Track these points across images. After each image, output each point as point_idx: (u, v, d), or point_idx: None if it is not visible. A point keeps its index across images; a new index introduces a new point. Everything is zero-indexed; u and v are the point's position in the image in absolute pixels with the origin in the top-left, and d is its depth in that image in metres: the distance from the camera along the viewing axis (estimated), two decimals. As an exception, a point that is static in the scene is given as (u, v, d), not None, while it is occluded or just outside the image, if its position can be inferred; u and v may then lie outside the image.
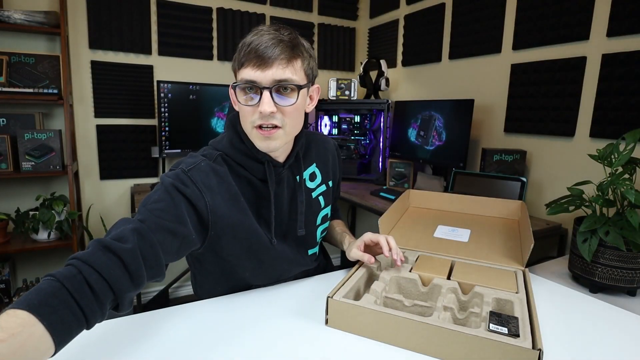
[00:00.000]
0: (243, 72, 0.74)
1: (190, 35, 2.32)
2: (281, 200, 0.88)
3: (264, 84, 0.72)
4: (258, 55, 0.71)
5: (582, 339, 0.76)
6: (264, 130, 0.76)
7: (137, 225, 0.66)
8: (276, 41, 0.72)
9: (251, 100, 0.75)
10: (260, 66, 0.71)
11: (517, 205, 1.30)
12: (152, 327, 0.75)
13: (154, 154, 2.29)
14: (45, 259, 2.17)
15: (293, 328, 0.76)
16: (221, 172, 0.80)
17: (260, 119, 0.75)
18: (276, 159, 0.85)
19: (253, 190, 0.84)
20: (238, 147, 0.82)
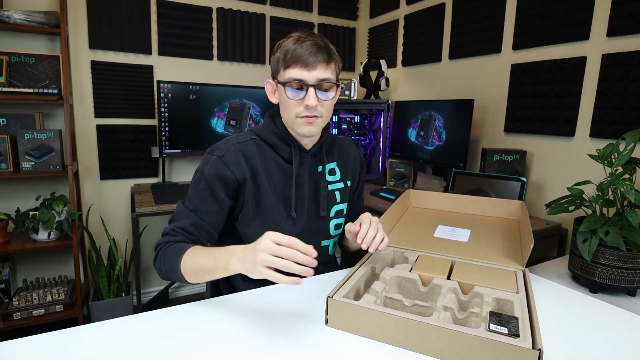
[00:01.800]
0: (291, 72, 0.88)
1: (190, 35, 2.32)
2: (302, 182, 1.00)
3: (310, 82, 0.88)
4: (305, 58, 0.86)
5: (582, 339, 0.76)
6: (308, 118, 0.91)
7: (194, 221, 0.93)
8: (317, 47, 0.88)
9: (297, 95, 0.89)
10: (307, 67, 0.87)
11: (517, 205, 1.30)
12: (152, 327, 0.75)
13: (154, 154, 2.29)
14: (45, 259, 2.17)
15: (293, 328, 0.76)
16: (248, 153, 0.96)
17: (306, 111, 0.90)
18: (304, 146, 1.00)
19: (280, 170, 0.98)
20: (272, 130, 0.98)
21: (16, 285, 2.12)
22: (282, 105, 0.95)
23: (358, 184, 1.16)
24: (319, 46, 0.88)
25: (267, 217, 0.97)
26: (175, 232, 0.92)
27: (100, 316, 1.99)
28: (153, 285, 2.46)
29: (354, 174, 1.13)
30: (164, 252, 0.88)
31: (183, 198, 0.99)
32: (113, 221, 2.30)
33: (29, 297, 1.96)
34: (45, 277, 2.16)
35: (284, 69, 0.89)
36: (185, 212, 0.93)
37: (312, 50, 0.86)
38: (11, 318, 1.89)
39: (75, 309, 2.00)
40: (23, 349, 0.67)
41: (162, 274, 0.89)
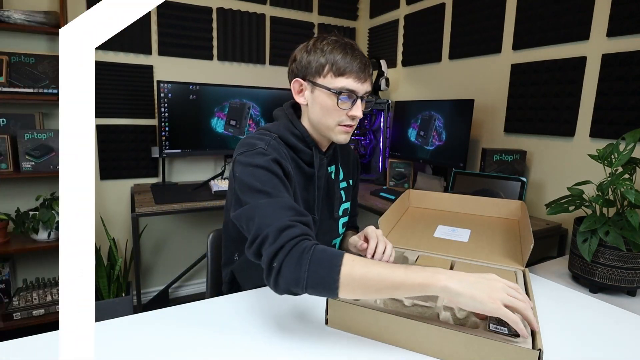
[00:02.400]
0: (345, 81, 0.88)
1: (190, 35, 2.32)
2: (320, 185, 1.01)
3: (360, 94, 0.90)
4: (359, 71, 0.88)
5: (582, 339, 0.76)
6: (348, 128, 0.93)
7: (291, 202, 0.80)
8: (366, 60, 0.91)
9: (345, 104, 0.90)
10: (361, 80, 0.89)
11: (517, 205, 1.30)
12: (152, 327, 0.75)
13: (154, 154, 2.29)
14: (45, 259, 2.17)
15: (293, 328, 0.76)
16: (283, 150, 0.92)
17: (349, 120, 0.92)
18: (321, 147, 1.00)
19: (299, 172, 0.97)
20: (293, 132, 0.96)
21: (16, 285, 2.12)
22: (321, 110, 0.91)
23: (355, 182, 1.19)
24: (367, 59, 0.92)
25: None
26: (293, 222, 0.74)
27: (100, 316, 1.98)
28: (153, 285, 2.46)
29: (353, 173, 1.16)
30: (306, 255, 0.68)
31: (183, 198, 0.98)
32: (113, 221, 2.30)
33: (29, 297, 1.96)
34: (45, 277, 2.15)
35: (334, 77, 0.88)
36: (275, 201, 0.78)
37: (365, 63, 0.90)
38: (11, 318, 1.89)
39: (75, 309, 2.00)
40: (23, 349, 0.67)
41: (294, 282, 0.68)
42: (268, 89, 2.37)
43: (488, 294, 0.63)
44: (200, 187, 2.19)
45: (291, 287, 0.68)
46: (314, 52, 0.89)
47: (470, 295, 0.63)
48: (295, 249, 0.69)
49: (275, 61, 2.58)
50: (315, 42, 0.91)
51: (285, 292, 0.70)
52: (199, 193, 2.05)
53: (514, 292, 0.66)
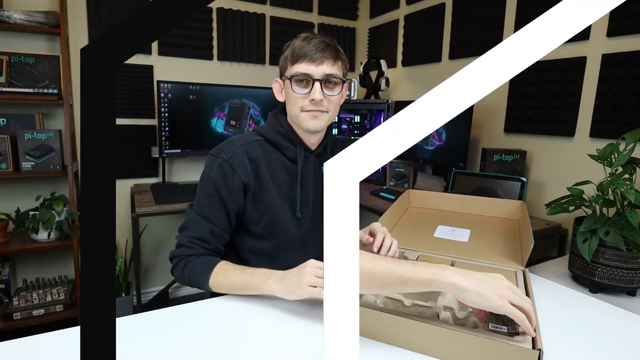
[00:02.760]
0: (298, 66, 0.90)
1: (190, 35, 2.32)
2: (307, 182, 1.00)
3: (316, 77, 0.89)
4: (312, 54, 0.89)
5: (582, 339, 0.76)
6: (313, 112, 0.92)
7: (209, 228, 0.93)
8: (325, 44, 0.90)
9: (303, 89, 0.91)
10: (314, 62, 0.89)
11: (517, 205, 1.30)
12: (152, 327, 0.75)
13: (154, 154, 2.29)
14: (45, 259, 2.17)
15: (293, 328, 0.76)
16: (253, 154, 0.95)
17: (311, 105, 0.91)
18: (308, 145, 1.00)
19: (284, 170, 0.98)
20: (277, 129, 0.98)
21: (16, 285, 2.12)
22: (288, 100, 0.95)
23: None
24: (327, 44, 0.91)
25: (273, 217, 0.97)
26: (193, 243, 0.92)
27: (100, 316, 1.99)
28: (153, 285, 2.46)
29: None
30: (188, 267, 0.90)
31: (183, 198, 1.00)
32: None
33: (29, 297, 1.96)
34: (45, 277, 2.15)
35: (291, 65, 0.91)
36: (197, 220, 0.93)
37: (319, 47, 0.89)
38: (11, 318, 1.89)
39: (75, 309, 2.00)
40: (23, 349, 0.67)
41: (183, 283, 0.93)
42: (268, 89, 2.37)
43: (494, 291, 0.64)
44: (200, 187, 2.19)
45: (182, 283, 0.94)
46: (284, 50, 0.95)
47: (477, 292, 0.64)
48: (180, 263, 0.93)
49: (275, 61, 2.58)
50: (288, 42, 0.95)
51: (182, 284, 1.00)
52: (199, 193, 2.05)
53: (519, 293, 0.67)
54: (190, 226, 0.94)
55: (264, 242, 0.99)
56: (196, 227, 0.93)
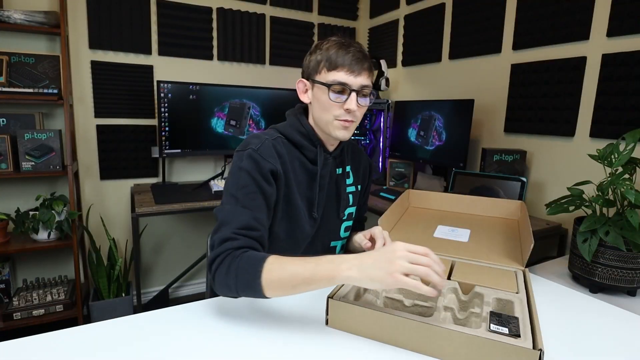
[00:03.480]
0: (337, 75, 0.90)
1: (190, 35, 2.32)
2: (324, 183, 1.01)
3: (353, 87, 0.90)
4: (352, 65, 0.89)
5: (582, 339, 0.76)
6: (345, 122, 0.93)
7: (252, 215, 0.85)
8: (362, 55, 0.91)
9: (339, 98, 0.91)
10: (353, 73, 0.90)
11: (517, 205, 1.30)
12: (152, 327, 0.75)
13: (154, 154, 2.29)
14: (45, 259, 2.17)
15: (293, 328, 0.76)
16: (279, 149, 0.94)
17: (345, 114, 0.92)
18: (328, 147, 1.01)
19: (304, 170, 0.98)
20: (298, 129, 0.98)
21: (16, 285, 2.12)
22: (319, 106, 0.95)
23: (366, 189, 1.19)
24: (364, 54, 0.92)
25: (293, 215, 0.97)
26: (237, 235, 0.82)
27: (100, 316, 1.99)
28: (153, 285, 2.46)
29: (364, 179, 1.16)
30: (235, 262, 0.76)
31: (183, 198, 0.99)
32: (113, 221, 2.30)
33: (29, 297, 1.96)
34: (45, 277, 2.15)
35: (327, 71, 0.91)
36: (237, 210, 0.85)
37: (358, 57, 0.90)
38: (11, 318, 1.89)
39: (75, 309, 2.00)
40: (23, 349, 0.67)
41: (227, 288, 0.77)
42: (268, 89, 2.37)
43: (385, 270, 0.66)
44: (200, 187, 2.19)
45: (225, 292, 0.79)
46: (314, 52, 0.94)
47: (369, 278, 0.67)
48: (226, 260, 0.78)
49: (275, 61, 2.59)
50: (317, 44, 0.95)
51: (226, 296, 0.81)
52: (199, 193, 2.06)
53: (416, 257, 0.66)
54: (229, 219, 0.84)
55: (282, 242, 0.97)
56: (236, 218, 0.84)
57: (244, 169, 0.88)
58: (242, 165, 0.89)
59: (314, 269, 0.71)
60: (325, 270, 0.70)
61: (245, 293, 0.76)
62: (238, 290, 0.76)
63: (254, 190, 0.87)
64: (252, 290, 0.75)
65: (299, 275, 0.72)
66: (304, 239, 1.00)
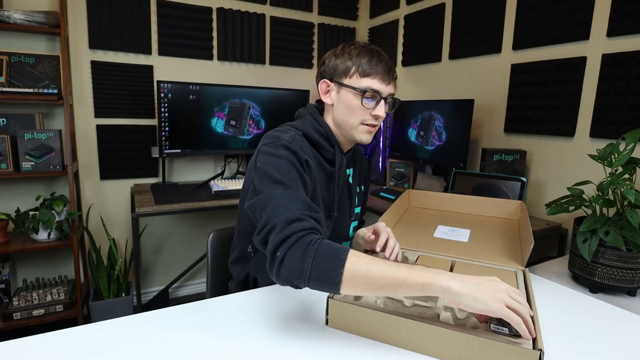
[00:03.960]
0: (371, 81, 0.92)
1: (190, 35, 2.32)
2: (339, 184, 1.03)
3: (384, 95, 0.93)
4: (384, 74, 0.92)
5: (582, 339, 0.76)
6: (371, 127, 0.96)
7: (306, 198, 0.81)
8: (392, 65, 0.95)
9: (369, 104, 0.93)
10: (385, 81, 0.93)
11: (517, 205, 1.30)
12: (152, 327, 0.75)
13: (154, 154, 2.29)
14: (45, 259, 2.17)
15: (293, 328, 0.76)
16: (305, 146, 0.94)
17: (372, 120, 0.95)
18: (343, 148, 1.03)
19: (322, 170, 0.99)
20: (317, 129, 0.98)
21: (16, 285, 2.12)
22: (346, 109, 0.95)
23: (366, 188, 1.22)
24: (392, 64, 0.96)
25: None
26: (305, 215, 0.75)
27: (100, 316, 1.99)
28: (153, 285, 2.46)
29: (365, 180, 1.20)
30: (312, 246, 0.69)
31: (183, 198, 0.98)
32: (113, 221, 2.30)
33: (29, 297, 1.96)
34: (45, 277, 2.15)
35: (360, 77, 0.93)
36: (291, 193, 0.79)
37: (390, 67, 0.94)
38: (11, 318, 1.89)
39: (75, 309, 2.00)
40: (23, 349, 0.67)
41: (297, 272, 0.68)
42: (268, 89, 2.37)
43: (490, 294, 0.64)
44: (200, 187, 2.19)
45: (294, 277, 0.68)
46: (341, 56, 0.95)
47: (473, 296, 0.63)
48: (301, 241, 0.70)
49: (275, 61, 2.58)
50: (343, 47, 0.96)
51: (287, 283, 0.70)
52: (199, 193, 2.06)
53: (516, 296, 0.66)
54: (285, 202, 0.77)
55: None
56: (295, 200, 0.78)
57: (283, 157, 0.86)
58: (280, 153, 0.87)
59: (408, 272, 0.66)
60: (421, 277, 0.65)
61: (317, 282, 0.68)
62: (310, 277, 0.67)
63: (297, 178, 0.85)
64: (328, 281, 0.67)
65: (391, 275, 0.66)
66: None
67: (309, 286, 0.68)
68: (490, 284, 0.66)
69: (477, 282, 0.65)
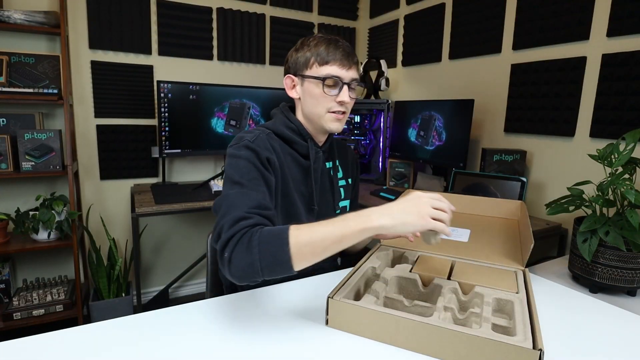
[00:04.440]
0: (329, 69, 0.93)
1: (190, 35, 2.32)
2: (317, 177, 1.03)
3: (345, 80, 0.94)
4: (343, 59, 0.93)
5: (582, 339, 0.76)
6: (338, 115, 0.96)
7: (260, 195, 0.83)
8: (350, 50, 0.96)
9: (331, 91, 0.94)
10: (345, 66, 0.94)
11: (517, 205, 1.30)
12: (152, 327, 0.75)
13: (154, 154, 2.29)
14: (45, 259, 2.17)
15: (293, 328, 0.76)
16: (273, 145, 0.95)
17: (338, 107, 0.95)
18: (317, 141, 1.03)
19: (297, 166, 1.00)
20: (288, 126, 1.00)
21: (16, 285, 2.12)
22: (311, 100, 0.97)
23: (355, 182, 1.21)
24: (352, 49, 0.97)
25: (291, 210, 0.98)
26: (251, 213, 0.77)
27: (100, 316, 1.99)
28: (153, 285, 2.46)
29: (353, 172, 1.19)
30: (255, 236, 0.72)
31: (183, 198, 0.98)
32: (113, 221, 2.30)
33: (29, 297, 1.96)
34: (45, 277, 2.15)
35: (319, 66, 0.94)
36: (245, 193, 0.82)
37: (348, 52, 0.95)
38: (11, 318, 1.89)
39: (75, 309, 2.00)
40: (23, 349, 0.67)
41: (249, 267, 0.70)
42: (268, 89, 2.37)
43: (417, 214, 0.72)
44: (200, 187, 2.19)
45: (247, 273, 0.71)
46: (301, 49, 0.97)
47: (402, 223, 0.72)
48: (244, 237, 0.73)
49: (275, 61, 2.59)
50: (302, 41, 0.99)
51: (243, 280, 0.73)
52: (199, 193, 2.06)
53: (438, 203, 0.74)
54: (238, 202, 0.79)
55: None
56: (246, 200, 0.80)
57: (243, 157, 0.88)
58: (240, 154, 0.89)
59: (344, 225, 0.71)
60: (356, 224, 0.71)
61: (270, 269, 0.70)
62: (262, 266, 0.70)
63: (257, 177, 0.86)
64: (279, 263, 0.70)
65: (330, 234, 0.71)
66: None
67: (264, 276, 0.71)
68: (413, 202, 0.73)
69: (403, 207, 0.73)
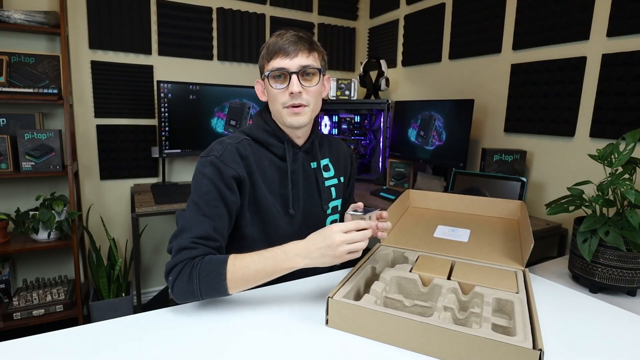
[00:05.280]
0: (273, 62, 0.91)
1: (190, 35, 2.32)
2: (297, 178, 1.01)
3: (292, 70, 0.90)
4: (285, 48, 0.89)
5: (582, 339, 0.76)
6: (294, 108, 0.92)
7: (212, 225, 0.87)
8: (297, 37, 0.91)
9: (281, 84, 0.92)
10: (289, 55, 0.90)
11: (517, 205, 1.30)
12: (152, 327, 0.75)
13: (154, 154, 2.29)
14: (45, 259, 2.17)
15: (293, 328, 0.76)
16: (243, 152, 0.94)
17: (291, 100, 0.91)
18: (295, 141, 1.00)
19: (274, 168, 0.98)
20: (263, 128, 0.99)
21: (16, 285, 2.12)
22: (270, 99, 0.97)
23: (350, 180, 1.19)
24: (299, 36, 0.92)
25: (265, 216, 0.97)
26: (196, 244, 0.83)
27: (100, 316, 1.99)
28: (153, 285, 2.46)
29: (346, 170, 1.16)
30: (196, 270, 0.79)
31: (183, 198, 0.99)
32: (113, 221, 2.30)
33: (29, 297, 1.96)
34: (45, 277, 2.16)
35: (267, 62, 0.93)
36: (196, 219, 0.86)
37: (292, 40, 0.90)
38: (11, 318, 1.89)
39: (75, 309, 2.00)
40: (23, 349, 0.67)
41: (189, 294, 0.80)
42: (268, 89, 2.37)
43: (332, 256, 0.77)
44: (200, 187, 2.18)
45: (188, 298, 0.81)
46: (261, 54, 0.97)
47: (322, 263, 0.79)
48: (185, 269, 0.80)
49: (275, 61, 2.58)
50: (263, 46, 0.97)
51: (185, 302, 0.83)
52: (199, 193, 2.05)
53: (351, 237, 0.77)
54: (189, 227, 0.85)
55: (257, 243, 0.97)
56: (196, 227, 0.85)
57: (206, 175, 0.89)
58: (204, 172, 0.89)
59: (275, 263, 0.80)
60: (284, 263, 0.80)
61: (208, 295, 0.80)
62: (201, 293, 0.80)
63: (216, 198, 0.88)
64: (217, 292, 0.80)
65: (262, 270, 0.80)
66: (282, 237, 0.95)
67: (202, 299, 0.81)
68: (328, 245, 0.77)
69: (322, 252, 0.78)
